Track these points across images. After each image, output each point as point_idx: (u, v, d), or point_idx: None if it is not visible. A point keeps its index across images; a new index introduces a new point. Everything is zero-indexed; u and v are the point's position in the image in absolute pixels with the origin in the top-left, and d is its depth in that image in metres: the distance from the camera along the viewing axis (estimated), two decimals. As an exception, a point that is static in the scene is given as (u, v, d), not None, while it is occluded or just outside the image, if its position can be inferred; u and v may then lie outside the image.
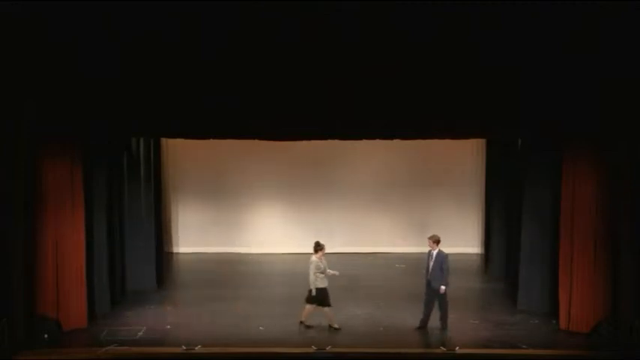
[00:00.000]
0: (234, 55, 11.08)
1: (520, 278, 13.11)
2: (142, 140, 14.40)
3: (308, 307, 12.13)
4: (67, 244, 11.88)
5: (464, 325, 12.34)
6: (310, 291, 12.01)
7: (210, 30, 10.81)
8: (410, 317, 12.19)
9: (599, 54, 10.84)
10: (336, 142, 12.81)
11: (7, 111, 10.84)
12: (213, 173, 17.50)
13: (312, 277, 11.97)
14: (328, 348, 11.00)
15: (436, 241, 12.08)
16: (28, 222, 11.40)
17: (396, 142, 12.92)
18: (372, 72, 11.13)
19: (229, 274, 15.76)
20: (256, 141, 12.91)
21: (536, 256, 12.87)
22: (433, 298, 12.00)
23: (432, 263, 11.99)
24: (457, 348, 11.03)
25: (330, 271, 12.08)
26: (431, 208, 17.38)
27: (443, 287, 11.85)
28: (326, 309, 12.07)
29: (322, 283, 12.00)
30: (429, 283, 12.03)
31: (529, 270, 12.94)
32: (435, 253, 12.01)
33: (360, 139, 12.54)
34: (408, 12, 10.63)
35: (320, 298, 11.99)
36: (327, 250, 12.25)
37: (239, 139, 13.01)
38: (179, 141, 15.56)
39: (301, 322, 12.13)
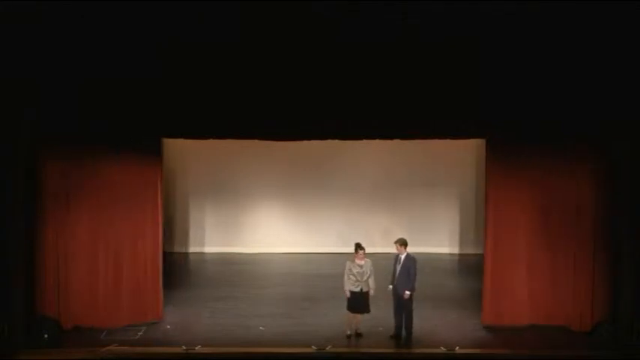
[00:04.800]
0: (235, 55, 11.10)
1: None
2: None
3: (346, 315, 11.75)
4: (69, 243, 11.88)
5: (464, 325, 12.35)
6: (348, 298, 11.64)
7: (210, 30, 10.81)
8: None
9: (599, 54, 10.84)
10: (336, 142, 12.81)
11: (7, 110, 10.85)
12: (214, 173, 17.44)
13: (345, 280, 11.64)
14: (328, 348, 11.00)
15: (403, 244, 11.59)
16: (28, 222, 11.40)
17: (396, 142, 12.92)
18: (372, 72, 11.15)
19: (229, 274, 15.73)
20: (256, 141, 12.91)
21: (536, 256, 12.84)
22: (401, 303, 11.59)
23: (399, 267, 11.54)
24: (457, 348, 11.03)
25: (370, 280, 11.55)
26: (431, 208, 17.33)
27: (407, 292, 11.43)
28: (359, 316, 11.70)
29: (353, 287, 11.56)
30: (395, 289, 11.60)
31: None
32: (402, 257, 11.56)
33: (360, 139, 12.50)
34: (407, 12, 10.63)
35: (353, 302, 11.60)
36: (330, 250, 12.10)
37: (239, 139, 12.98)
38: (179, 141, 15.54)
39: (348, 336, 11.64)
